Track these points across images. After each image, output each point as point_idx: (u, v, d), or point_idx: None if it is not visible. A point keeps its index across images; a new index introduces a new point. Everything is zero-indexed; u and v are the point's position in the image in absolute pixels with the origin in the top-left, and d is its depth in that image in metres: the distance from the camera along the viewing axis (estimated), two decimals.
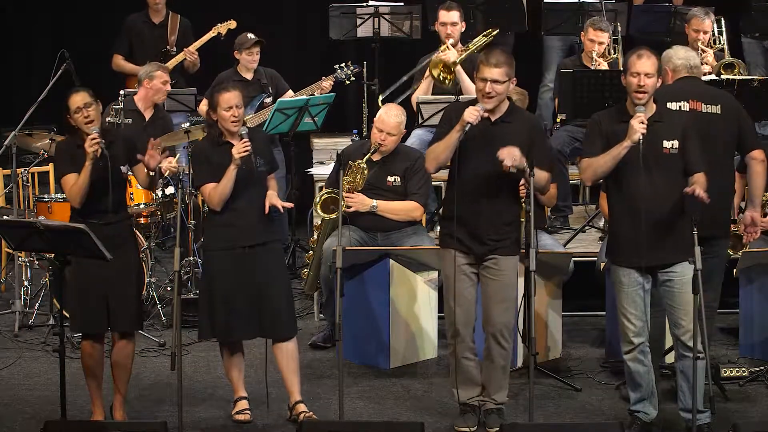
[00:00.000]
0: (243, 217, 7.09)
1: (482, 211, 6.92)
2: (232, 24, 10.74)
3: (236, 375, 7.31)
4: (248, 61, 10.26)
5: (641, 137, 6.61)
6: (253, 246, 7.09)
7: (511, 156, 6.74)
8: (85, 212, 6.96)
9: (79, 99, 6.98)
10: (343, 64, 10.29)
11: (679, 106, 7.30)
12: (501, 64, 6.82)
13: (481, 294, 7.05)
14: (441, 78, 9.53)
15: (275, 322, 7.14)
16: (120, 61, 10.98)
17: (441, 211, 7.57)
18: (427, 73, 9.69)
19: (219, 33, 10.79)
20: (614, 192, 6.87)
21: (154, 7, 11.03)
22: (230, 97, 7.06)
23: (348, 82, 10.34)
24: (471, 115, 6.79)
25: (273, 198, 7.16)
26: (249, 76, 10.33)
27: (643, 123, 6.63)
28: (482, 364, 7.12)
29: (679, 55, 7.47)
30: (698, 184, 6.69)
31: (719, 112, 7.31)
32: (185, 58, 10.83)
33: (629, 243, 6.79)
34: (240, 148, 6.98)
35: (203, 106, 10.41)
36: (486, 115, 6.86)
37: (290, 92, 10.32)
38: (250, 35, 10.26)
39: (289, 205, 7.29)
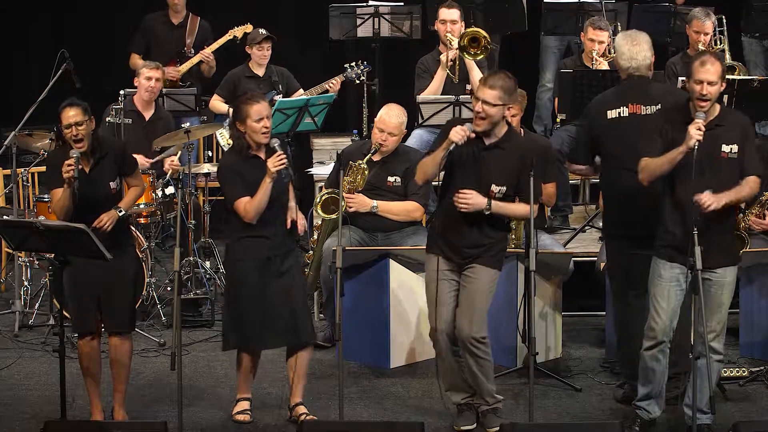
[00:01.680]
0: (270, 227, 7.05)
1: (465, 233, 6.91)
2: (248, 28, 10.69)
3: (246, 376, 7.29)
4: (259, 57, 10.29)
5: (697, 144, 6.56)
6: (278, 255, 7.07)
7: (464, 204, 6.79)
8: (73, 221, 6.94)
9: (71, 115, 6.90)
10: (353, 63, 10.31)
11: (618, 113, 7.26)
12: (495, 87, 6.75)
13: (458, 300, 7.03)
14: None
15: (300, 328, 7.12)
16: (137, 61, 10.76)
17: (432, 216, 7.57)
18: (446, 62, 9.69)
19: (235, 36, 10.75)
20: (668, 190, 6.81)
21: (174, 8, 10.93)
22: (261, 109, 7.00)
23: (358, 82, 10.36)
24: (456, 134, 6.74)
25: (296, 213, 7.17)
26: (260, 72, 10.35)
27: (700, 130, 6.57)
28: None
29: (623, 56, 7.32)
30: (747, 185, 6.71)
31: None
32: (201, 61, 10.78)
33: (678, 242, 6.72)
34: (276, 161, 6.91)
35: (215, 101, 10.44)
36: (473, 135, 6.80)
37: (300, 91, 10.34)
38: (262, 30, 10.28)
39: (302, 225, 7.25)
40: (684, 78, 7.65)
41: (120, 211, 6.98)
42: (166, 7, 10.97)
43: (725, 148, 6.72)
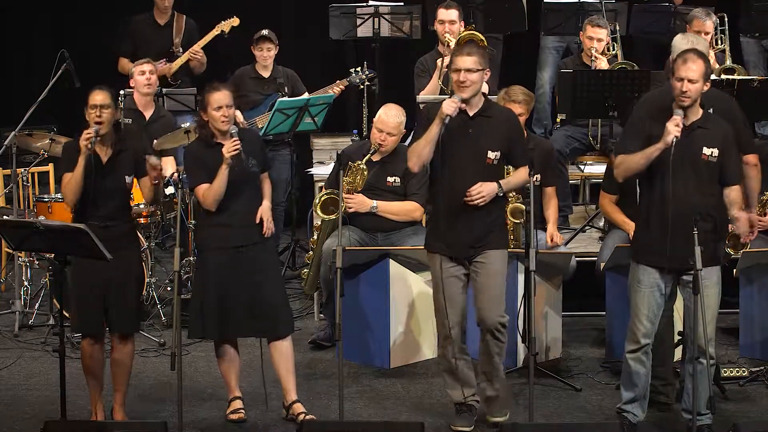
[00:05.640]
0: (236, 217, 7.08)
1: (470, 219, 6.90)
2: (235, 21, 10.67)
3: (231, 375, 7.31)
4: (260, 57, 10.25)
5: (674, 140, 6.56)
6: (246, 246, 7.09)
7: (479, 198, 6.83)
8: (82, 215, 6.96)
9: (99, 98, 6.97)
10: (358, 69, 10.29)
11: None
12: (473, 53, 6.87)
13: (473, 290, 7.03)
14: None
15: (271, 321, 7.14)
16: (125, 64, 10.77)
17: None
18: (441, 68, 9.70)
19: (222, 31, 10.73)
20: (646, 191, 6.81)
21: (161, 8, 10.94)
22: (220, 97, 7.04)
23: (362, 87, 10.34)
24: (449, 107, 6.79)
25: (266, 212, 7.14)
26: (266, 73, 10.32)
27: (678, 126, 6.57)
28: (479, 361, 7.11)
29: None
30: (736, 204, 6.75)
31: None
32: (191, 59, 10.77)
33: (656, 243, 6.72)
34: (230, 147, 6.96)
35: None
36: (464, 106, 6.86)
37: (306, 94, 10.31)
38: (264, 31, 10.23)
39: (269, 228, 7.13)
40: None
41: None
42: (153, 7, 10.96)
43: (706, 150, 6.70)
